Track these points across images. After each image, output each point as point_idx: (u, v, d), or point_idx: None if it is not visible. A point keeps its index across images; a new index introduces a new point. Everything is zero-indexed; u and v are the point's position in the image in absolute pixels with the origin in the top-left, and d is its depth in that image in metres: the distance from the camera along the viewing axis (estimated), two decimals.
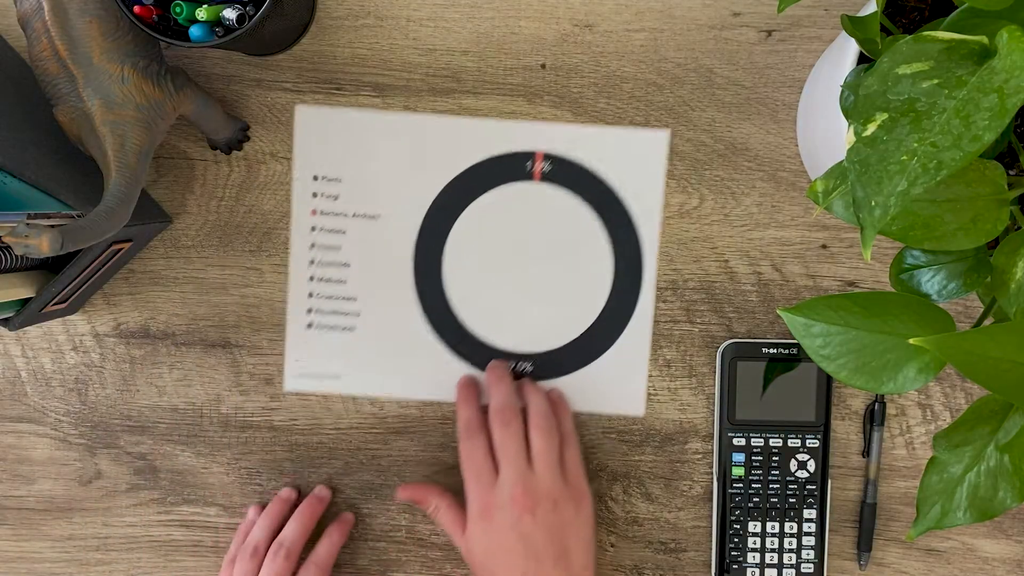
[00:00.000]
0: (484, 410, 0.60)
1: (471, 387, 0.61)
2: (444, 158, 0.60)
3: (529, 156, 0.60)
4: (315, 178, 0.61)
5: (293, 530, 0.60)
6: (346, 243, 0.61)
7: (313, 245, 0.61)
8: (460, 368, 0.62)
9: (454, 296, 0.61)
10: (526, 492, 0.55)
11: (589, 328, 0.61)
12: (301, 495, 0.63)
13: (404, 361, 0.62)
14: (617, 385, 0.62)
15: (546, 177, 0.60)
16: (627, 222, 0.60)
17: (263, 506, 0.62)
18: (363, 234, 0.61)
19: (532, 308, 0.61)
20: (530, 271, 0.61)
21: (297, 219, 0.61)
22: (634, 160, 0.60)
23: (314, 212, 0.61)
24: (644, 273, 0.61)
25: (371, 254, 0.61)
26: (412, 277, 0.61)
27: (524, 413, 0.59)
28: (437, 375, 0.62)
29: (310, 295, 0.62)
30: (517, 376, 0.62)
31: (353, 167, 0.61)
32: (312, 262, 0.61)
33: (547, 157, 0.60)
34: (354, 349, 0.62)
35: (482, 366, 0.62)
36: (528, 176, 0.60)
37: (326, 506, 0.62)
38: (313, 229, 0.61)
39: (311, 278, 0.62)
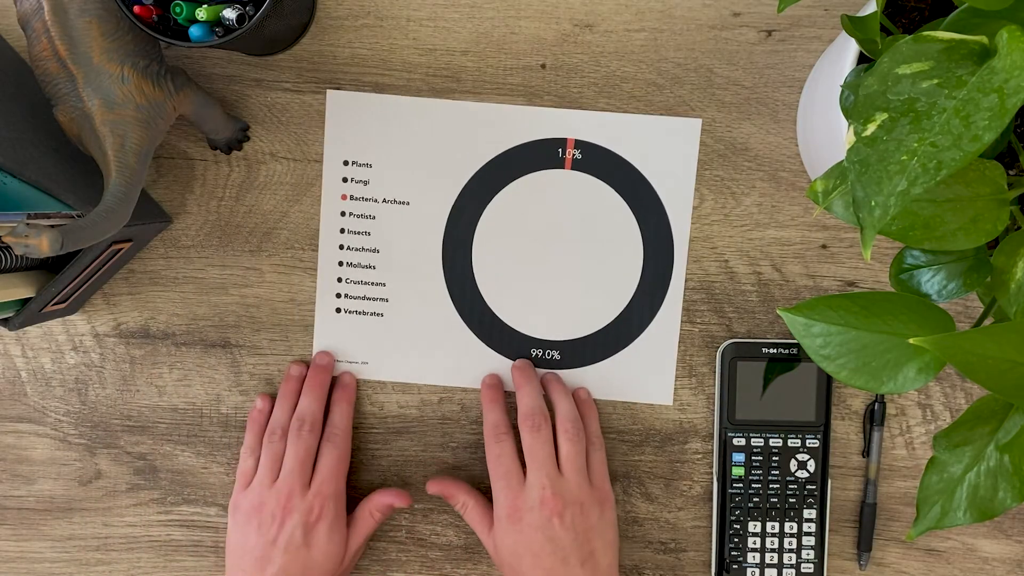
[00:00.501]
0: (509, 406, 0.60)
1: (497, 388, 0.61)
2: (475, 144, 0.61)
3: (560, 143, 0.60)
4: (345, 163, 0.61)
5: (308, 404, 0.60)
6: (376, 229, 0.61)
7: (343, 230, 0.61)
8: (488, 355, 0.62)
9: (483, 283, 0.62)
10: (555, 496, 0.56)
11: (617, 317, 0.61)
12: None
13: (432, 347, 0.62)
14: (644, 375, 0.62)
15: (577, 165, 0.60)
16: (658, 210, 0.60)
17: (270, 395, 0.62)
18: (393, 220, 0.61)
19: (561, 296, 0.61)
20: (559, 259, 0.61)
21: (327, 204, 0.61)
22: (666, 148, 0.60)
23: (344, 197, 0.61)
24: (675, 263, 0.61)
25: (401, 240, 0.62)
26: (441, 264, 0.62)
27: (550, 410, 0.60)
28: (465, 362, 0.62)
29: (339, 280, 0.62)
30: (544, 364, 0.62)
31: (384, 152, 0.61)
32: (342, 247, 0.62)
33: (578, 144, 0.60)
34: (383, 335, 0.62)
35: (509, 353, 0.62)
36: (559, 164, 0.60)
37: (331, 372, 0.62)
38: (343, 214, 0.61)
39: (340, 263, 0.62)
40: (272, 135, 0.61)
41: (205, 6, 0.51)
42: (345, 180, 0.61)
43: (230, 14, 0.51)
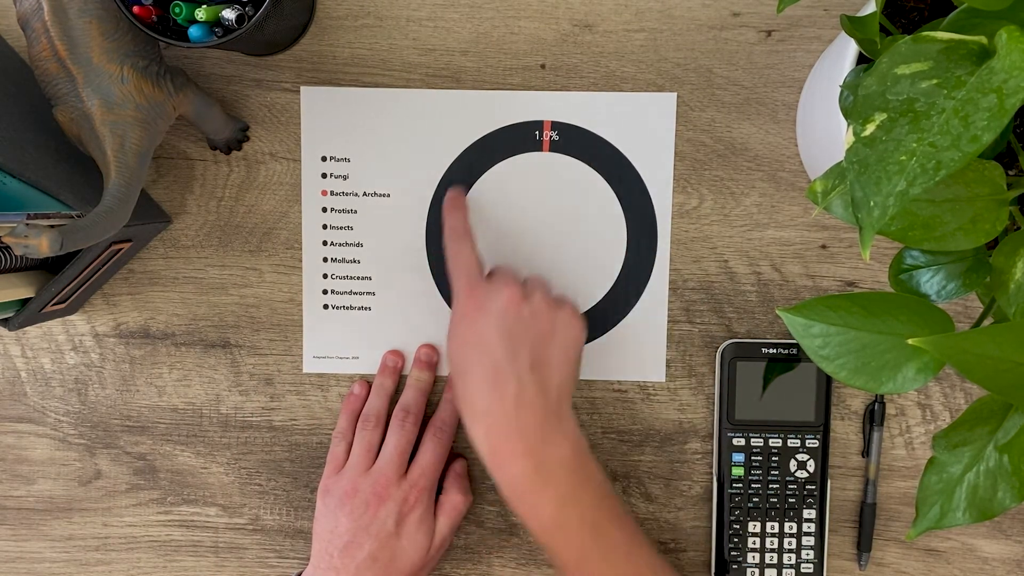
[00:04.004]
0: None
1: (459, 198, 0.60)
2: (452, 132, 0.61)
3: (537, 126, 0.60)
4: (324, 159, 0.61)
5: (413, 397, 0.60)
6: (358, 223, 0.62)
7: (325, 226, 0.62)
8: None
9: None
10: (517, 287, 0.54)
11: (605, 296, 0.61)
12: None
13: (421, 338, 0.62)
14: (637, 351, 0.62)
15: (555, 146, 0.61)
16: (639, 187, 0.60)
17: (367, 381, 0.62)
18: (375, 213, 0.61)
19: (547, 278, 0.61)
20: (543, 242, 0.61)
21: (308, 201, 0.61)
22: (643, 124, 0.60)
23: (324, 193, 0.61)
24: (659, 237, 0.61)
25: (384, 232, 0.62)
26: (426, 254, 0.62)
27: None
28: None
29: (325, 276, 0.62)
30: None
31: (361, 146, 0.61)
32: (325, 243, 0.62)
33: (555, 126, 0.60)
34: (371, 328, 0.62)
35: None
36: (537, 146, 0.61)
37: (436, 369, 0.62)
38: (324, 210, 0.61)
39: (325, 259, 0.62)
40: (272, 135, 0.61)
41: (204, 6, 0.51)
42: (324, 176, 0.61)
43: (229, 14, 0.51)
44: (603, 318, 0.62)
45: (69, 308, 0.60)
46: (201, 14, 0.51)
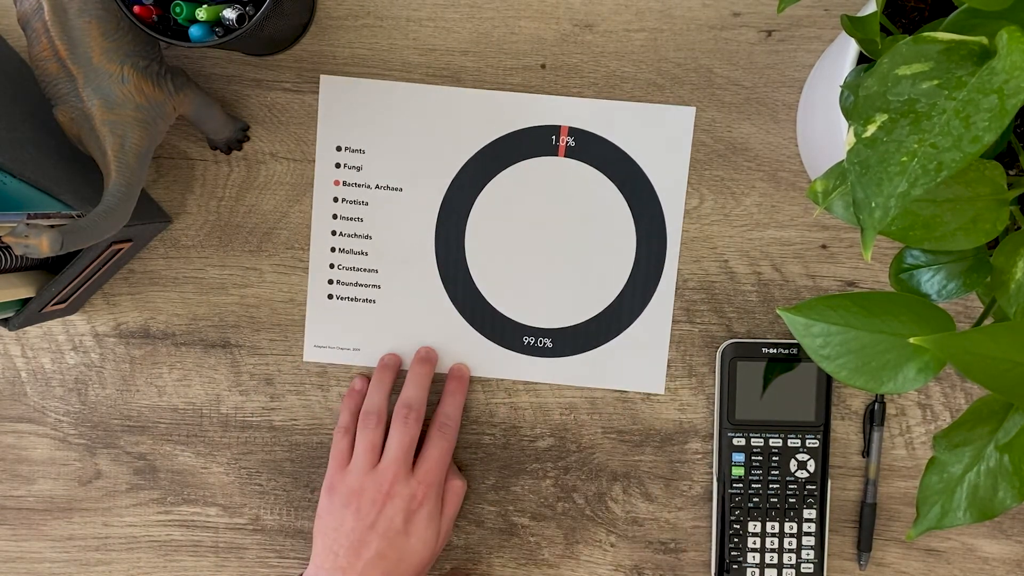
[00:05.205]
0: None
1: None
2: (468, 131, 0.61)
3: (554, 130, 0.60)
4: (338, 148, 0.61)
5: (415, 393, 0.60)
6: (368, 215, 0.61)
7: (335, 216, 0.61)
8: (479, 342, 0.62)
9: (475, 270, 0.62)
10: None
11: (610, 305, 0.61)
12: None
13: (423, 334, 0.62)
14: (637, 362, 0.62)
15: (570, 152, 0.60)
16: (652, 198, 0.60)
17: (366, 376, 0.62)
18: (386, 206, 0.61)
19: (553, 283, 0.61)
20: (552, 246, 0.61)
21: (320, 189, 0.61)
22: (660, 136, 0.60)
23: (337, 182, 0.61)
24: (667, 251, 0.61)
25: (393, 227, 0.62)
26: (433, 250, 0.62)
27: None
28: (456, 349, 0.62)
29: (331, 266, 0.62)
30: (536, 352, 0.62)
31: (377, 138, 0.61)
32: (334, 233, 0.62)
33: (572, 132, 0.60)
34: (375, 322, 0.62)
35: (502, 340, 0.62)
36: (553, 151, 0.61)
37: (435, 365, 0.62)
38: (336, 200, 0.61)
39: (333, 249, 0.62)
40: (272, 135, 0.61)
41: (205, 6, 0.51)
42: (338, 166, 0.61)
43: (230, 14, 0.51)
44: (605, 328, 0.62)
45: (69, 308, 0.60)
46: (202, 14, 0.51)
